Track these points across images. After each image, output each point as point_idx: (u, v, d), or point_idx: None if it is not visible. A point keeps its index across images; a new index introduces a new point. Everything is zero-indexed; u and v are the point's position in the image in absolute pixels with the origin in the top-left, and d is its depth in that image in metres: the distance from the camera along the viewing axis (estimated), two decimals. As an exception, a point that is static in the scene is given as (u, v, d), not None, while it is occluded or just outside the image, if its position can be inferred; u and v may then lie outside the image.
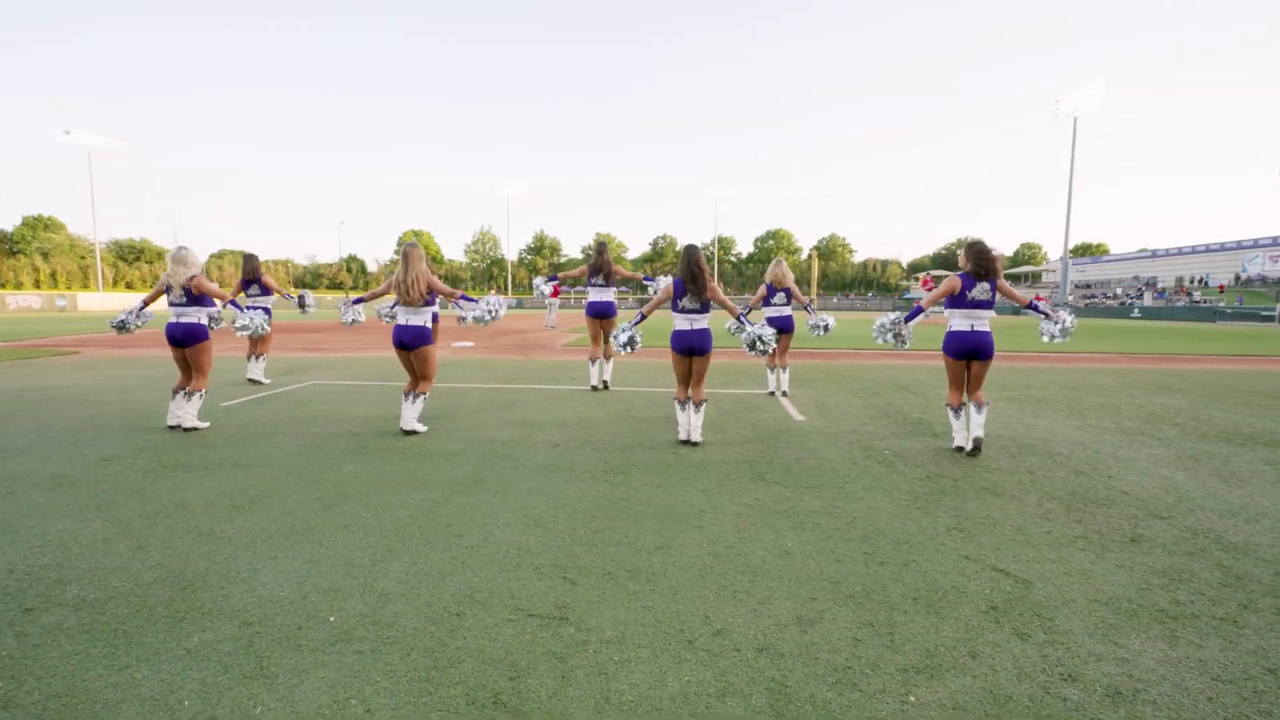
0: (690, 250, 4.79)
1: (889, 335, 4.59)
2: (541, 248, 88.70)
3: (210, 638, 2.18)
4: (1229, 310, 38.91)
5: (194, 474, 4.08)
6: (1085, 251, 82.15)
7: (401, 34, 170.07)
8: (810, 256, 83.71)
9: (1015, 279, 75.29)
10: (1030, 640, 2.21)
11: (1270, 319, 35.96)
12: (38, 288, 57.41)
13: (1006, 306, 45.37)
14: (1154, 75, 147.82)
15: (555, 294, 24.01)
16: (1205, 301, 46.36)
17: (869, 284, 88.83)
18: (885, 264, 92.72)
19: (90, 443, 4.88)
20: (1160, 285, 57.95)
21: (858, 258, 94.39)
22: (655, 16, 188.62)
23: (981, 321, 4.58)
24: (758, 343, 4.68)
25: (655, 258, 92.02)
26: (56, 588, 2.54)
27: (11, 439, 4.99)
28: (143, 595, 2.48)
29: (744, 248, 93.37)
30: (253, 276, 7.73)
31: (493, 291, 28.25)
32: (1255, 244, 54.98)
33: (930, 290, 26.82)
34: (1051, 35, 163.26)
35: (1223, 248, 57.97)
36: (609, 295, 7.33)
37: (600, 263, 7.23)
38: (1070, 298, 55.18)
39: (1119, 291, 60.89)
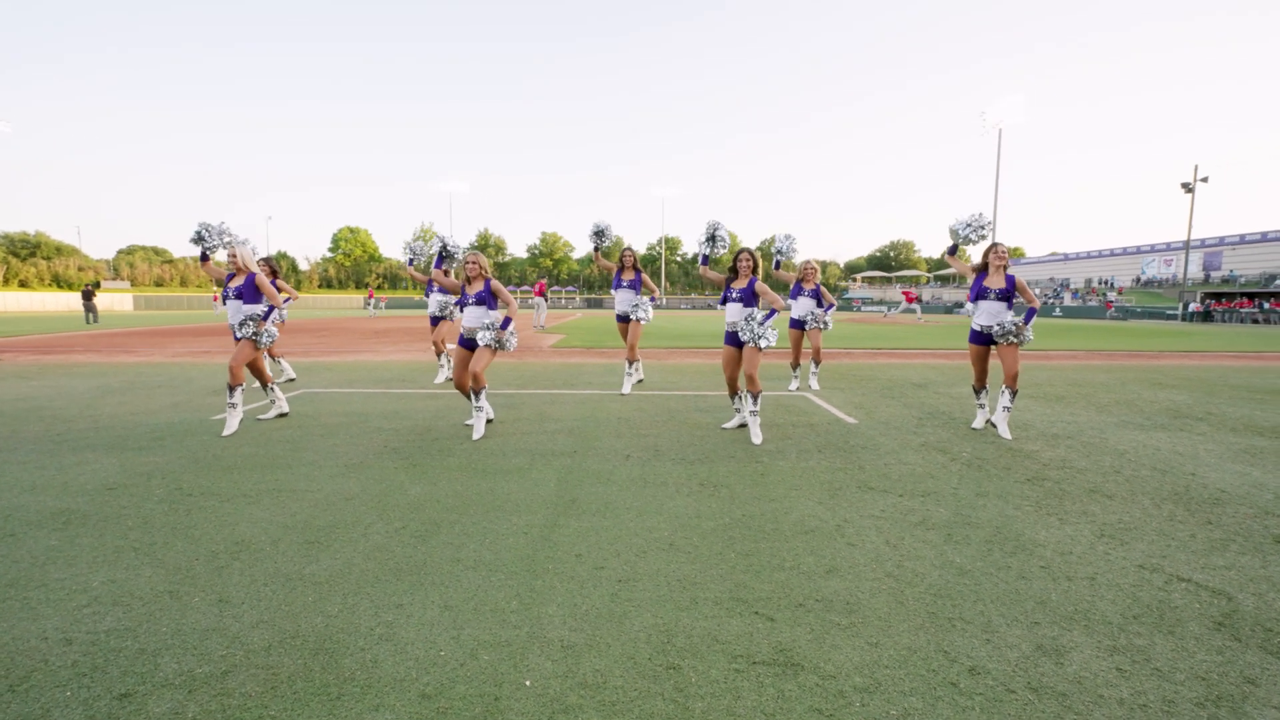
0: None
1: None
2: (486, 246, 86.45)
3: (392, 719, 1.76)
4: (1139, 310, 42.34)
5: (233, 503, 3.49)
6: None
7: (339, 31, 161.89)
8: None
9: (945, 280, 79.51)
10: (1289, 659, 2.09)
11: (1173, 317, 39.37)
12: (-90, 286, 50.91)
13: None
14: (1066, 86, 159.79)
15: (541, 293, 23.29)
16: (1117, 301, 50.31)
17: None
18: (824, 265, 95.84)
19: (77, 468, 4.14)
20: (1073, 286, 62.51)
21: (798, 259, 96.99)
22: (591, 17, 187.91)
23: None
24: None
25: (603, 257, 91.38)
26: (143, 661, 2.02)
27: (-28, 466, 4.17)
28: (266, 665, 2.01)
29: (689, 248, 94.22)
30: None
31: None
32: (1152, 249, 60.16)
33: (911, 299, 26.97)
34: (977, 49, 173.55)
35: (1125, 252, 63.10)
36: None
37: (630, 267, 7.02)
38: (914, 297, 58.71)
39: (1037, 292, 65.27)
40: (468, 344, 5.09)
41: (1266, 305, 35.73)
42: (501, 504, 3.52)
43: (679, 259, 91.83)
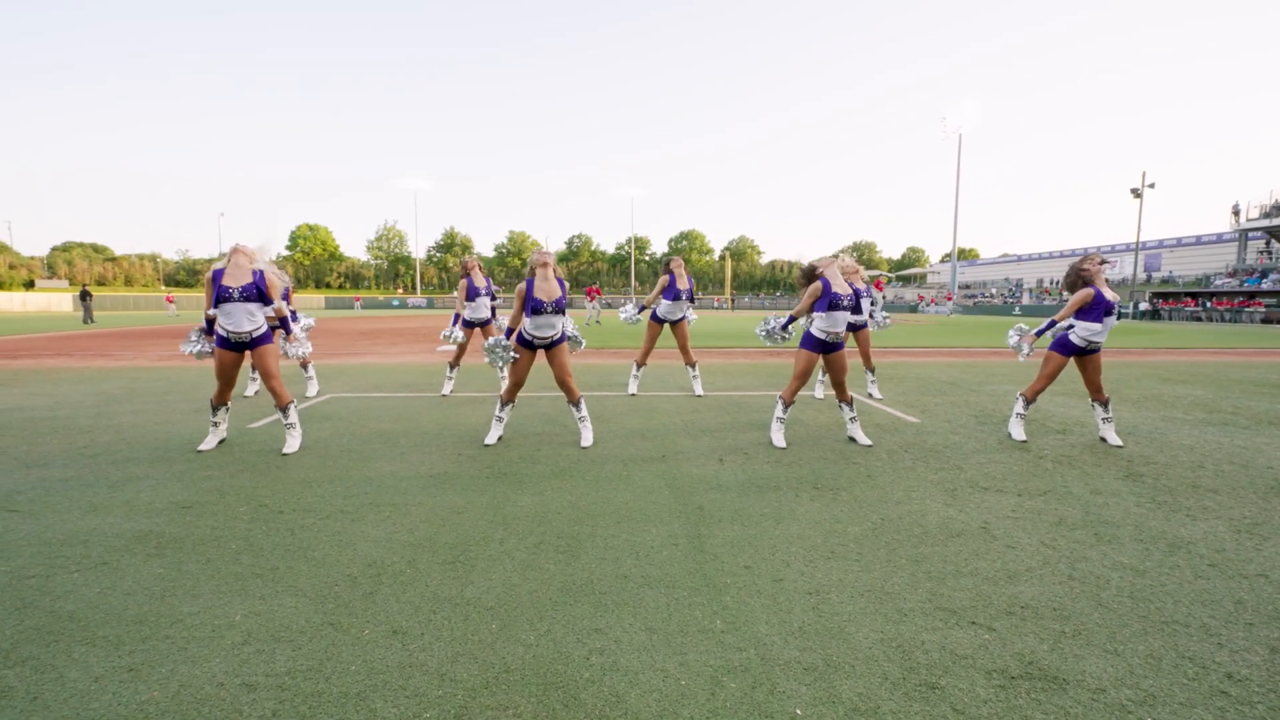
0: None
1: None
2: (452, 245, 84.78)
3: (681, 761, 1.59)
4: (1091, 308, 44.35)
5: (335, 520, 3.22)
6: (961, 256, 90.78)
7: (295, 29, 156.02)
8: (723, 257, 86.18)
9: (906, 280, 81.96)
10: None
11: (1126, 315, 41.41)
12: None
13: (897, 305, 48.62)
14: (1020, 95, 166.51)
15: (595, 294, 25.01)
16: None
17: (776, 284, 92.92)
18: (791, 265, 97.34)
19: (131, 485, 3.77)
20: (1026, 286, 65.15)
21: (765, 259, 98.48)
22: (553, 17, 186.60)
23: None
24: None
25: (570, 256, 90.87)
26: (353, 706, 1.80)
27: (11, 486, 3.75)
28: (500, 705, 1.81)
29: (658, 248, 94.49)
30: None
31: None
32: (1098, 250, 63.30)
33: (881, 291, 27.36)
34: (937, 53, 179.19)
35: (1074, 253, 66.21)
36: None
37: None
38: (953, 297, 60.90)
39: (994, 291, 67.74)
40: (535, 346, 4.78)
41: (1208, 304, 37.91)
42: (627, 513, 3.35)
43: (647, 259, 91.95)
